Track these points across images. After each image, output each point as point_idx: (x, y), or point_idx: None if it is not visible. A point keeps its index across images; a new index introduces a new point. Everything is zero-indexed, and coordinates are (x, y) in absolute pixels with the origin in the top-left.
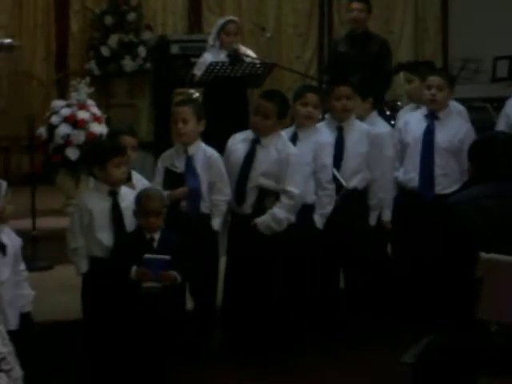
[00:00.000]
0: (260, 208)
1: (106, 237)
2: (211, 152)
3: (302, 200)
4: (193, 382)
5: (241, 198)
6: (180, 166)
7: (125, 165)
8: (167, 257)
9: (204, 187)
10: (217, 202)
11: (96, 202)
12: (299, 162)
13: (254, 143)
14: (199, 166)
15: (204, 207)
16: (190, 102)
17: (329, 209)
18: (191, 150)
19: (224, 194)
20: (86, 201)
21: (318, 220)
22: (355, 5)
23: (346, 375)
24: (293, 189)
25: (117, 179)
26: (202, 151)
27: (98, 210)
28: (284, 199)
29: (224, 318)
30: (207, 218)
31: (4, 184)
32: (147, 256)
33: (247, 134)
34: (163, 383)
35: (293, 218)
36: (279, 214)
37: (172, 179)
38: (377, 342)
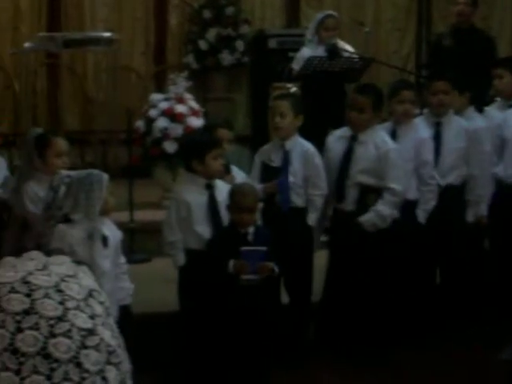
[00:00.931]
0: (362, 205)
1: (203, 230)
2: (308, 146)
3: (404, 195)
4: (288, 376)
5: (341, 196)
6: (276, 161)
7: (221, 157)
8: (264, 248)
9: (299, 181)
10: (312, 196)
11: (193, 195)
12: (399, 157)
13: (352, 140)
14: (296, 161)
15: (299, 201)
16: (289, 96)
17: (432, 204)
18: (288, 144)
19: (319, 189)
20: (184, 194)
21: (421, 215)
22: None
23: (441, 373)
24: (396, 185)
25: (215, 171)
26: (299, 146)
27: (195, 203)
28: (387, 196)
29: (322, 312)
30: (302, 212)
31: (106, 177)
32: (245, 248)
33: (345, 131)
34: (260, 376)
35: (396, 214)
36: (384, 210)
37: (268, 173)
38: (472, 339)
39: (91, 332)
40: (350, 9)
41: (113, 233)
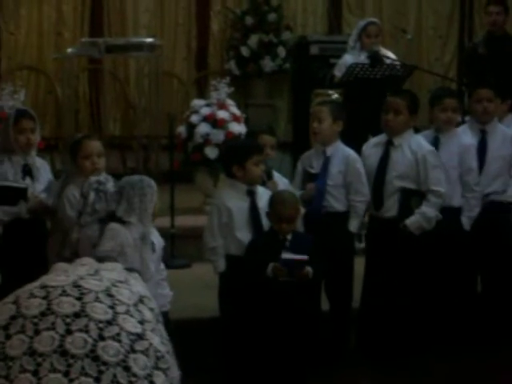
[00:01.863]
0: (405, 209)
1: (244, 235)
2: (349, 152)
3: (446, 197)
4: (328, 382)
5: (379, 203)
6: (317, 167)
7: (262, 163)
8: (305, 256)
9: (339, 187)
10: (354, 202)
11: (234, 201)
12: (437, 159)
13: (387, 145)
14: (336, 166)
15: (339, 206)
16: (328, 103)
17: (476, 211)
18: (329, 150)
19: (362, 195)
20: (225, 200)
21: (466, 222)
22: (492, 8)
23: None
24: (439, 188)
25: (255, 177)
26: (341, 151)
27: (236, 209)
28: (432, 198)
29: (361, 318)
30: (343, 217)
31: (154, 183)
32: (284, 256)
33: (380, 138)
34: (299, 382)
35: (440, 216)
36: (429, 212)
37: (308, 180)
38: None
39: (140, 337)
40: (392, 16)
41: (157, 239)
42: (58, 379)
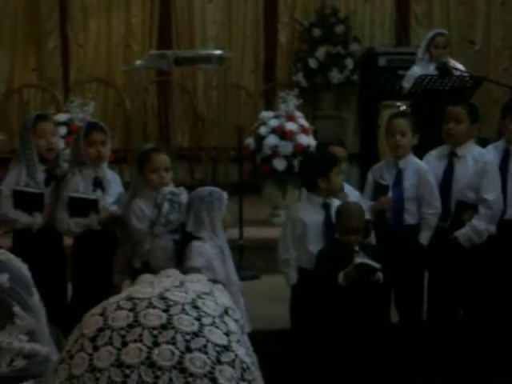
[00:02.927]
0: (458, 221)
1: (317, 249)
2: (421, 165)
3: (500, 207)
4: None
5: (445, 214)
6: (388, 179)
7: (341, 174)
8: (378, 265)
9: (412, 200)
10: (426, 215)
11: (309, 215)
12: (496, 169)
13: (451, 156)
14: (408, 179)
15: (411, 219)
16: (407, 115)
17: None
18: (402, 163)
19: (434, 208)
20: (300, 213)
21: None
22: None
23: None
24: (490, 196)
25: (338, 187)
26: (413, 164)
27: (311, 222)
28: (482, 209)
29: (428, 330)
30: (414, 230)
31: (225, 195)
32: (359, 260)
33: (442, 150)
34: None
35: (493, 229)
36: (479, 225)
37: (377, 191)
38: None
39: (226, 348)
40: (460, 27)
41: (227, 251)
42: None
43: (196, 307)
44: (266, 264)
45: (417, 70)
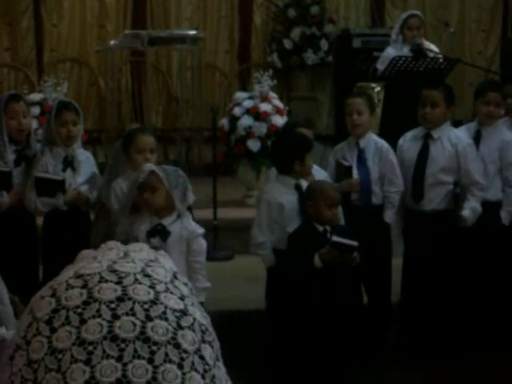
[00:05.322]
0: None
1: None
2: (382, 143)
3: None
4: (368, 377)
5: (419, 196)
6: (350, 159)
7: (312, 157)
8: (355, 243)
9: (375, 179)
10: (388, 193)
11: (285, 196)
12: (475, 152)
13: (426, 138)
14: (370, 158)
15: (375, 200)
16: (363, 94)
17: None
18: (363, 142)
19: (396, 186)
20: (275, 195)
21: (505, 217)
22: None
23: None
24: (482, 180)
25: (309, 171)
26: (373, 143)
27: (287, 204)
28: (475, 191)
29: (402, 313)
30: (379, 210)
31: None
32: (336, 239)
33: (418, 131)
34: (339, 376)
35: (480, 210)
36: (478, 206)
37: (341, 172)
38: None
39: (184, 312)
40: (435, 9)
41: (184, 231)
42: (111, 365)
43: (147, 275)
44: (240, 245)
45: (391, 52)
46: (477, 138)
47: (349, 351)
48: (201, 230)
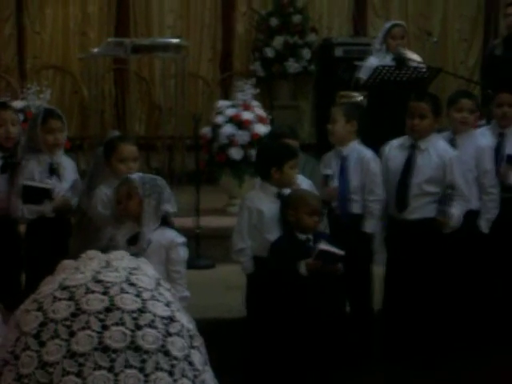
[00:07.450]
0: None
1: (274, 237)
2: (365, 152)
3: None
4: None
5: (403, 205)
6: (334, 167)
7: (297, 167)
8: (342, 252)
9: (355, 188)
10: (368, 202)
11: (266, 204)
12: (460, 162)
13: (412, 149)
14: (351, 167)
15: (356, 208)
16: (342, 104)
17: (494, 213)
18: (345, 150)
19: (375, 195)
20: (256, 202)
21: (484, 225)
22: (510, 10)
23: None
24: (466, 192)
25: (291, 180)
26: (356, 152)
27: (268, 212)
28: (461, 202)
29: (385, 320)
30: (360, 219)
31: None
32: (322, 247)
33: (404, 140)
34: (321, 381)
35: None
36: (461, 216)
37: (322, 181)
38: None
39: (171, 319)
40: (418, 19)
41: (164, 240)
42: (103, 375)
43: (132, 284)
44: (221, 253)
45: (373, 61)
46: (451, 147)
47: (331, 360)
48: (181, 239)
